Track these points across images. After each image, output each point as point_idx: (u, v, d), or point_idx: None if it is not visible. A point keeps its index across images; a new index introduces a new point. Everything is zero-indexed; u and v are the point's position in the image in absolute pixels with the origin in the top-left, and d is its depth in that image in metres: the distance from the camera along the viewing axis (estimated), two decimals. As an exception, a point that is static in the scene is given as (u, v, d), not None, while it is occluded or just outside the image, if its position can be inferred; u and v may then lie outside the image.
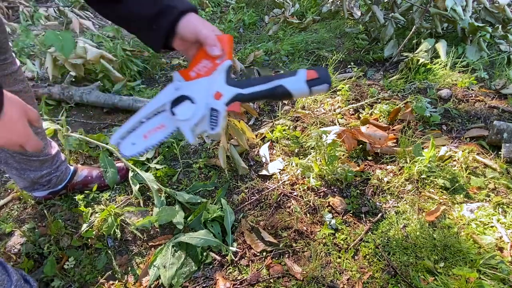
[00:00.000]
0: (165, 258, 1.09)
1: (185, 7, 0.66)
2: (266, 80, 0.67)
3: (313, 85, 0.65)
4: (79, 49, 1.91)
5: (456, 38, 2.37)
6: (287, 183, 1.40)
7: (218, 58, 0.66)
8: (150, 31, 0.67)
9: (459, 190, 1.34)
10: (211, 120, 0.64)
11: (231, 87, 0.66)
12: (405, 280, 1.05)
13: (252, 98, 0.67)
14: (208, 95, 0.65)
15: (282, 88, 0.65)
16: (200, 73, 0.66)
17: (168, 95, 0.66)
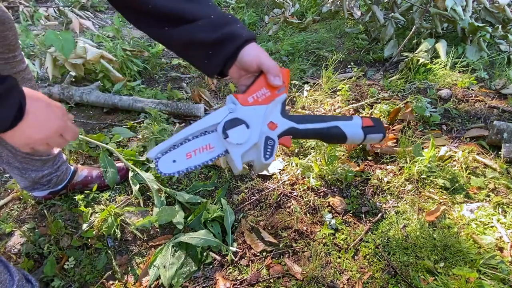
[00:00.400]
0: (165, 258, 1.09)
1: (249, 35, 0.65)
2: (321, 119, 0.66)
3: (368, 133, 0.66)
4: (79, 49, 1.91)
5: (456, 38, 2.37)
6: (287, 183, 1.40)
7: (277, 89, 0.65)
8: (207, 56, 0.66)
9: (459, 190, 1.34)
10: (267, 149, 0.63)
11: (286, 119, 0.66)
12: (405, 280, 1.05)
13: (306, 134, 0.66)
14: (263, 124, 0.64)
15: (338, 130, 0.65)
16: (258, 100, 0.64)
17: (221, 116, 0.63)
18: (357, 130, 0.66)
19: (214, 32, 0.63)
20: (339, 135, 0.66)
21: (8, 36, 0.94)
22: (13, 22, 0.96)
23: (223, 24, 0.64)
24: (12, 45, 0.97)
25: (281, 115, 0.66)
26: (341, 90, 1.90)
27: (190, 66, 2.30)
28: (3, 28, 0.92)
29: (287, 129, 0.65)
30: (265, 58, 0.65)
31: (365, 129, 0.66)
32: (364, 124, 0.66)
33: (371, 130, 0.66)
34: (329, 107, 1.84)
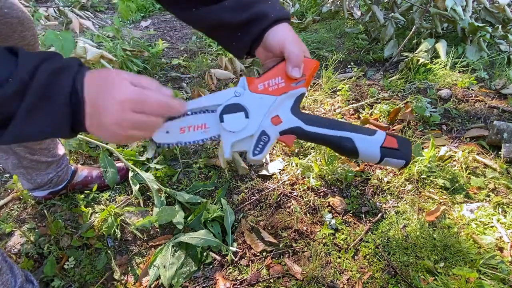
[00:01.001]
0: (165, 258, 1.09)
1: (279, 14, 0.60)
2: (334, 125, 0.58)
3: (387, 155, 0.57)
4: (79, 49, 1.91)
5: (456, 38, 2.37)
6: (287, 183, 1.40)
7: (295, 81, 0.59)
8: (234, 38, 0.62)
9: (459, 190, 1.34)
10: (258, 144, 0.58)
11: (294, 117, 0.59)
12: (405, 280, 1.05)
13: (312, 138, 0.60)
14: (266, 116, 0.59)
15: (350, 143, 0.57)
16: (268, 89, 0.59)
17: (225, 97, 0.59)
18: (373, 149, 0.57)
19: (241, 12, 0.59)
20: (350, 149, 0.58)
21: (27, 36, 0.94)
22: (32, 23, 0.95)
23: (251, 2, 0.59)
24: (31, 45, 0.97)
25: (291, 111, 0.60)
26: (341, 90, 1.90)
27: (190, 66, 2.30)
28: (22, 28, 0.92)
29: (292, 127, 0.59)
30: (289, 43, 0.58)
31: (384, 150, 0.57)
32: (385, 143, 0.57)
33: (392, 153, 0.57)
34: (329, 107, 1.84)
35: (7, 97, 0.42)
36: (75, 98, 0.48)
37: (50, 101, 0.46)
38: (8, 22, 0.88)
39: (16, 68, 0.43)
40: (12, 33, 0.90)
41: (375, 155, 0.57)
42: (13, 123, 0.44)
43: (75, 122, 0.49)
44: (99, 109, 0.49)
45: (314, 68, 0.60)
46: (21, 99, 0.43)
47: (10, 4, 0.89)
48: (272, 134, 0.59)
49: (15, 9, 0.90)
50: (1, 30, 0.87)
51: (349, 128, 0.58)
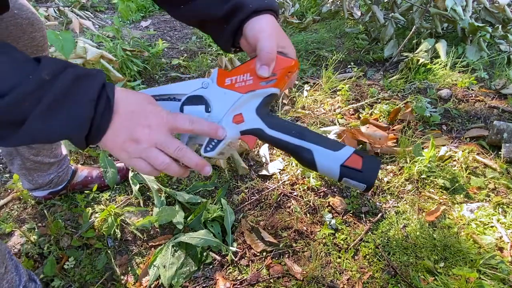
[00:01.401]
0: (165, 258, 1.09)
1: (259, 5, 0.56)
2: (300, 134, 0.55)
3: (347, 175, 0.52)
4: (79, 49, 1.91)
5: (456, 38, 2.37)
6: (287, 183, 1.40)
7: (264, 80, 0.55)
8: (220, 30, 0.61)
9: (459, 190, 1.34)
10: (211, 141, 0.56)
11: (258, 118, 0.56)
12: (405, 280, 1.05)
13: (273, 143, 0.56)
14: (228, 113, 0.56)
15: (309, 155, 0.53)
16: (235, 85, 0.56)
17: (192, 87, 0.57)
18: (332, 165, 0.53)
19: (224, 4, 0.57)
20: (308, 161, 0.54)
21: (37, 37, 0.94)
22: (42, 23, 0.95)
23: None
24: (40, 46, 0.96)
25: (256, 111, 0.56)
26: (341, 90, 1.90)
27: (190, 66, 2.30)
28: (32, 30, 0.92)
29: (254, 128, 0.56)
30: (263, 38, 0.54)
31: (344, 169, 0.52)
32: (347, 162, 0.52)
33: (352, 174, 0.52)
34: (329, 107, 1.84)
35: (25, 94, 0.41)
36: (103, 106, 0.47)
37: (71, 104, 0.44)
38: (18, 23, 0.88)
39: (37, 69, 0.43)
40: (22, 34, 0.90)
41: (333, 172, 0.53)
42: (26, 125, 0.43)
43: (93, 129, 0.47)
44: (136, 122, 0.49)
45: (287, 67, 0.56)
46: (38, 100, 0.42)
47: (20, 5, 0.88)
48: (230, 132, 0.56)
49: (25, 10, 0.89)
50: (11, 31, 0.87)
51: (312, 139, 0.54)
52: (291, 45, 0.60)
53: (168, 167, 0.53)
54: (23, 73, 0.42)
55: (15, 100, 0.41)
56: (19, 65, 0.43)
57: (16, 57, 0.44)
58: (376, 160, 0.55)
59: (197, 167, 0.55)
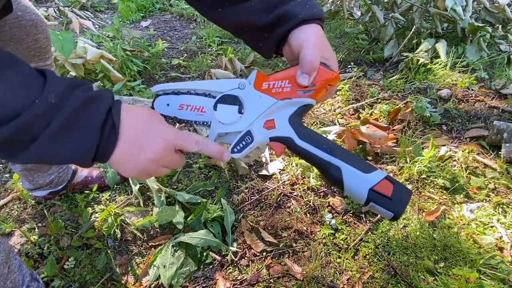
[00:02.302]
0: (165, 258, 1.09)
1: (308, 14, 0.55)
2: (331, 149, 0.53)
3: (375, 201, 0.50)
4: (79, 49, 1.91)
5: (456, 38, 2.37)
6: (287, 183, 1.40)
7: (302, 89, 0.55)
8: (261, 39, 0.60)
9: (459, 190, 1.34)
10: (239, 143, 0.56)
11: (289, 126, 0.55)
12: (405, 280, 1.05)
13: (301, 154, 0.55)
14: (260, 117, 0.56)
15: (337, 172, 0.51)
16: (272, 90, 0.56)
17: (229, 86, 0.57)
18: (360, 188, 0.50)
19: (268, 13, 0.56)
20: (336, 178, 0.52)
21: (40, 39, 0.94)
22: (45, 25, 0.95)
23: (277, 3, 0.56)
24: (44, 48, 0.96)
25: (288, 119, 0.55)
26: (341, 90, 1.90)
27: (190, 66, 2.30)
28: (36, 31, 0.91)
29: (284, 137, 0.55)
30: (307, 47, 0.54)
31: (373, 194, 0.49)
32: (377, 187, 0.50)
33: (381, 201, 0.49)
34: (329, 107, 1.84)
35: (32, 118, 0.41)
36: (108, 131, 0.47)
37: (79, 129, 0.45)
38: (22, 25, 0.87)
39: (43, 90, 0.42)
40: (26, 36, 0.90)
41: (360, 195, 0.50)
42: (35, 145, 0.43)
43: (98, 153, 0.48)
44: (141, 146, 0.50)
45: (328, 79, 0.54)
46: (46, 123, 0.42)
47: (23, 7, 0.88)
48: (259, 137, 0.55)
49: (28, 12, 0.89)
50: (15, 33, 0.87)
51: (343, 157, 0.52)
52: (334, 57, 0.59)
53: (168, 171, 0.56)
54: (30, 95, 0.42)
55: (22, 124, 0.41)
56: (26, 84, 0.42)
57: (24, 75, 0.43)
58: (408, 190, 0.52)
59: (217, 155, 0.56)
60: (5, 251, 0.79)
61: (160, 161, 0.52)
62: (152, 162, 0.51)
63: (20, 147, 0.43)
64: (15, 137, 0.42)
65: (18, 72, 0.42)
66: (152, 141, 0.51)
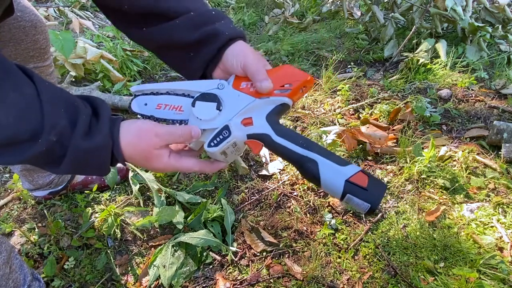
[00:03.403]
0: (165, 258, 1.09)
1: (233, 33, 0.58)
2: (307, 145, 0.54)
3: (351, 192, 0.50)
4: (79, 49, 1.91)
5: (456, 38, 2.37)
6: (287, 183, 1.40)
7: (279, 89, 0.57)
8: (186, 58, 0.61)
9: (459, 190, 1.34)
10: (217, 137, 0.56)
11: (267, 124, 0.57)
12: (405, 280, 1.05)
13: (278, 150, 0.56)
14: (238, 114, 0.57)
15: (314, 166, 0.52)
16: (250, 89, 0.58)
17: (207, 86, 0.59)
18: (336, 180, 0.51)
19: (194, 31, 0.57)
20: (312, 172, 0.52)
21: (39, 39, 0.94)
22: (44, 26, 0.95)
23: (204, 22, 0.58)
24: (43, 49, 0.96)
25: (266, 117, 0.57)
26: (341, 90, 1.90)
27: (190, 66, 2.30)
28: (35, 32, 0.91)
29: (261, 133, 0.56)
30: (249, 61, 0.57)
31: (349, 185, 0.50)
32: (352, 178, 0.50)
33: (357, 192, 0.50)
34: (329, 107, 1.84)
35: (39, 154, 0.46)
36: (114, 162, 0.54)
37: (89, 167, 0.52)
38: (21, 26, 0.87)
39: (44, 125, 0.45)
40: (25, 37, 0.89)
41: (337, 188, 0.51)
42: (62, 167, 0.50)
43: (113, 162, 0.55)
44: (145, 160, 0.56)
45: (304, 81, 0.57)
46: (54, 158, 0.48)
47: (23, 8, 0.88)
48: (237, 133, 0.56)
49: (28, 13, 0.89)
50: (14, 34, 0.86)
51: (319, 151, 0.53)
52: (268, 64, 0.62)
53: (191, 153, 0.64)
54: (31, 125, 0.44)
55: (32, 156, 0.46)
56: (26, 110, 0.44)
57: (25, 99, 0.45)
58: (382, 182, 0.53)
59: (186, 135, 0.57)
60: (7, 251, 0.79)
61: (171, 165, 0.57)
62: (164, 170, 0.58)
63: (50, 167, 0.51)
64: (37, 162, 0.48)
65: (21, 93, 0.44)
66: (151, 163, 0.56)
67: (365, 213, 0.52)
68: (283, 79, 0.58)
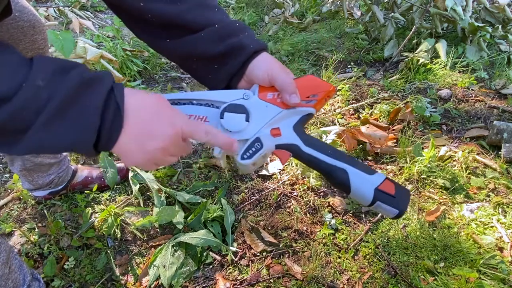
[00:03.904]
0: (165, 258, 1.09)
1: (258, 46, 0.59)
2: (335, 154, 0.56)
3: (381, 199, 0.53)
4: (79, 49, 1.91)
5: (456, 38, 2.37)
6: (287, 183, 1.40)
7: (305, 99, 0.58)
8: (210, 70, 0.60)
9: (459, 190, 1.34)
10: (249, 149, 0.56)
11: (294, 134, 0.58)
12: (405, 280, 1.05)
13: (307, 160, 0.58)
14: (267, 125, 0.58)
15: (344, 175, 0.54)
16: (277, 100, 0.59)
17: (233, 97, 0.59)
18: (367, 188, 0.53)
19: (218, 44, 0.58)
20: (343, 181, 0.55)
21: (38, 39, 0.93)
22: (43, 26, 0.94)
23: (228, 35, 0.58)
24: (41, 49, 0.96)
25: (293, 127, 0.58)
26: (341, 90, 1.90)
27: (190, 66, 2.30)
28: (33, 32, 0.91)
29: (290, 144, 0.58)
30: (277, 73, 0.57)
31: (379, 193, 0.53)
32: (381, 186, 0.53)
33: (386, 199, 0.53)
34: (329, 107, 1.84)
35: (21, 104, 0.39)
36: (112, 115, 0.44)
37: (76, 112, 0.42)
38: (20, 26, 0.87)
39: (29, 73, 0.39)
40: (23, 37, 0.89)
41: (367, 196, 0.53)
42: (30, 134, 0.40)
43: (102, 139, 0.45)
44: (150, 133, 0.48)
45: (328, 91, 0.59)
46: (38, 108, 0.40)
47: (21, 7, 0.87)
48: (267, 144, 0.57)
49: (26, 13, 0.89)
50: (12, 34, 0.86)
51: (348, 160, 0.56)
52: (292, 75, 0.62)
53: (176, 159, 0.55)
54: (15, 80, 0.39)
55: (11, 111, 0.38)
56: (10, 69, 0.40)
57: (10, 59, 0.40)
58: (407, 189, 0.56)
59: (227, 146, 0.55)
60: (6, 251, 0.79)
61: (169, 149, 0.50)
62: (160, 151, 0.49)
63: (15, 137, 0.41)
64: (5, 126, 0.39)
65: (3, 57, 0.40)
66: (161, 129, 0.48)
67: (392, 218, 0.55)
68: (308, 90, 0.59)
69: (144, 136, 0.48)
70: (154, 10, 0.57)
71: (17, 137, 0.41)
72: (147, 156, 0.49)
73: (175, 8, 0.57)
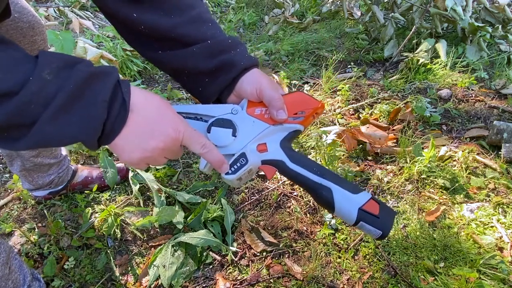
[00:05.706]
0: (165, 258, 1.09)
1: (248, 62, 0.60)
2: (321, 172, 0.56)
3: (364, 220, 0.52)
4: (79, 49, 1.91)
5: (456, 38, 2.37)
6: (287, 183, 1.40)
7: (293, 116, 0.58)
8: (201, 84, 0.61)
9: (459, 190, 1.34)
10: (234, 164, 0.56)
11: (281, 150, 0.58)
12: (405, 280, 1.05)
13: (292, 176, 0.58)
14: (253, 141, 0.58)
15: (329, 193, 0.54)
16: (264, 116, 0.59)
17: (221, 111, 0.59)
18: (350, 207, 0.53)
19: (210, 60, 0.58)
20: (327, 199, 0.54)
21: (37, 40, 0.93)
22: (42, 26, 0.94)
23: (220, 51, 0.59)
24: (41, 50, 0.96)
25: (280, 143, 0.58)
26: (341, 90, 1.90)
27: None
28: (33, 33, 0.91)
29: (276, 160, 0.57)
30: (265, 88, 0.58)
31: (362, 213, 0.52)
32: (365, 206, 0.53)
33: (370, 219, 0.52)
34: (329, 107, 1.84)
35: (28, 97, 0.39)
36: (117, 108, 0.44)
37: (84, 105, 0.42)
38: (19, 27, 0.87)
39: (36, 67, 0.39)
40: (23, 38, 0.89)
41: (351, 215, 0.53)
42: (36, 128, 0.40)
43: (105, 132, 0.45)
44: (152, 131, 0.48)
45: (316, 108, 0.59)
46: (45, 102, 0.40)
47: (20, 8, 0.87)
48: (253, 159, 0.57)
49: (25, 14, 0.88)
50: (12, 35, 0.86)
51: (333, 178, 0.55)
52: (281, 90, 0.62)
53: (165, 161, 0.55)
54: (22, 74, 0.39)
55: (18, 104, 0.38)
56: (17, 64, 0.40)
57: (14, 55, 0.41)
58: (392, 209, 0.56)
59: (217, 164, 0.56)
60: (5, 251, 0.79)
61: (166, 151, 0.51)
62: (159, 151, 0.50)
63: (20, 131, 0.41)
64: (12, 120, 0.39)
65: (7, 53, 0.40)
66: (164, 130, 0.49)
67: (376, 239, 0.54)
68: (296, 107, 0.59)
69: (146, 134, 0.48)
70: (147, 22, 0.57)
71: (23, 132, 0.41)
72: (145, 154, 0.49)
73: (169, 21, 0.57)
